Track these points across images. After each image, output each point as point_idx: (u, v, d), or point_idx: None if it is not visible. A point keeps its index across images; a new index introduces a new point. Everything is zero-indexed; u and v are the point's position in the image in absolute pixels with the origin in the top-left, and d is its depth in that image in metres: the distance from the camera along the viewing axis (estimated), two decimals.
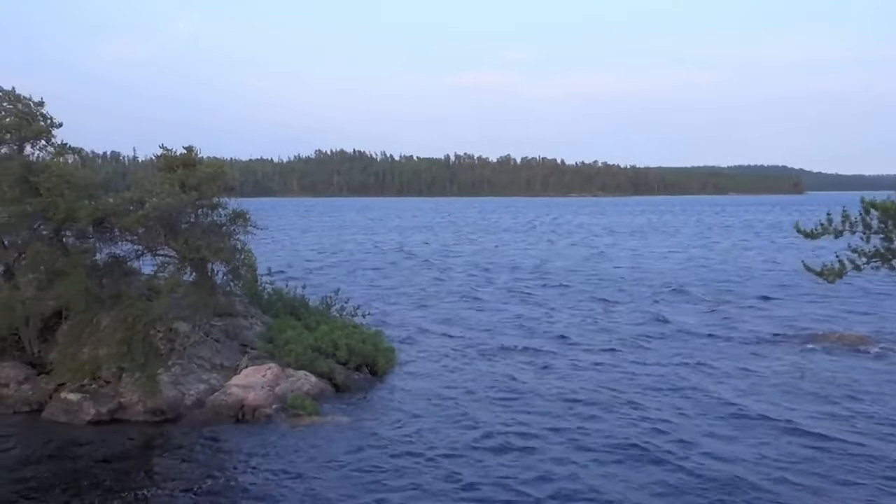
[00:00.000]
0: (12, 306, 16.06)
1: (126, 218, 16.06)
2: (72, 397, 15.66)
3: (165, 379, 15.95)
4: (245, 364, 17.41)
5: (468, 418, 15.42)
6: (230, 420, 15.43)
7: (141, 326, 15.38)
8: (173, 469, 13.19)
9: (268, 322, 20.02)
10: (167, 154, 17.74)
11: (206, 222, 17.06)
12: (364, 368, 18.63)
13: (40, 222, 16.67)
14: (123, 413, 15.57)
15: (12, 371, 16.65)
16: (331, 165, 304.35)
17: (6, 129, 17.07)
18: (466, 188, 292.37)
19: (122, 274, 16.79)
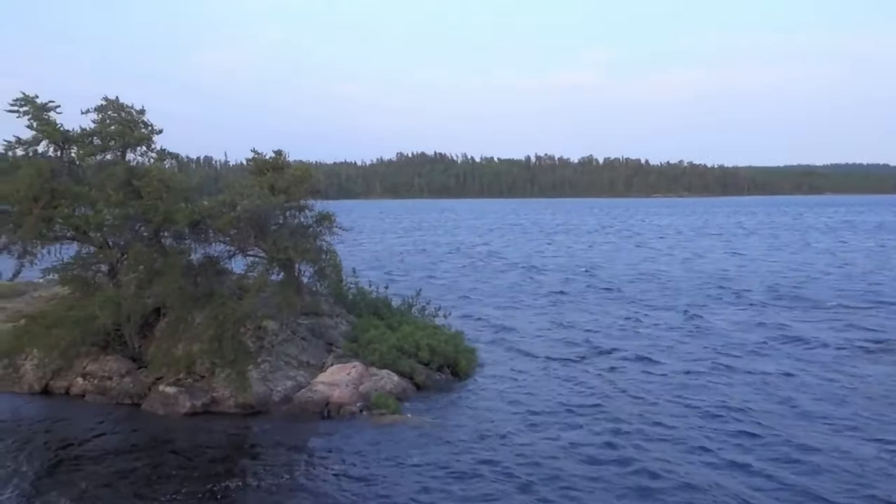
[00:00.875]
0: (116, 303, 16.97)
1: (219, 220, 16.75)
2: (169, 390, 16.43)
3: (255, 375, 16.52)
4: (330, 362, 17.86)
5: (550, 425, 15.16)
6: (316, 416, 15.83)
7: (231, 324, 16.01)
8: (261, 460, 13.64)
9: (352, 321, 20.47)
10: (258, 158, 18.41)
11: (294, 224, 17.60)
12: (446, 369, 18.78)
13: (141, 224, 17.58)
14: (216, 406, 16.22)
15: (115, 364, 17.62)
16: (412, 168, 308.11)
17: (111, 136, 18.13)
18: (547, 190, 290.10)
19: (215, 273, 17.50)
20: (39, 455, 13.89)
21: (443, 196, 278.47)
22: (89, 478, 12.73)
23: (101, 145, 18.37)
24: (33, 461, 13.52)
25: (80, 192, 17.69)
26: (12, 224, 17.50)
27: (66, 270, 17.96)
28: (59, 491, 12.14)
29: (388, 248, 61.94)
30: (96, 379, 17.41)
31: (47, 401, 17.24)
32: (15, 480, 12.58)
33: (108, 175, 17.77)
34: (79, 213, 17.67)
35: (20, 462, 13.44)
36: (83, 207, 17.78)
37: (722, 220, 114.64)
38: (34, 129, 17.86)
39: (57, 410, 16.59)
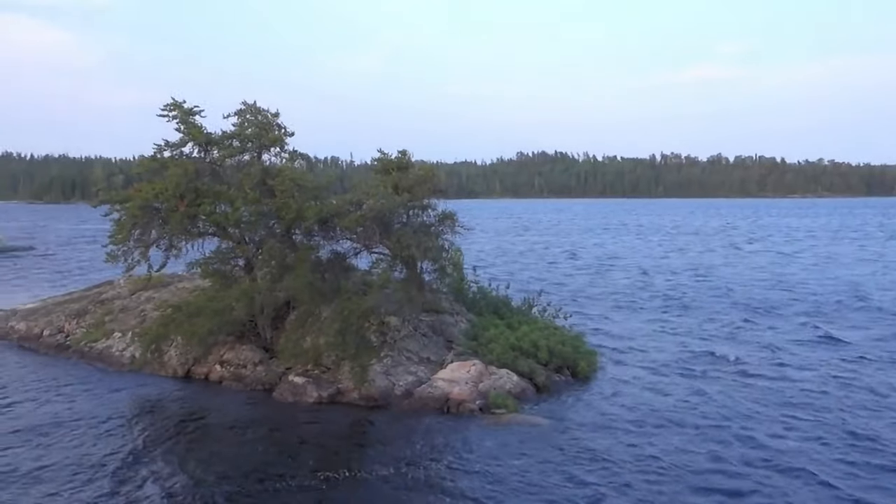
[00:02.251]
0: (251, 296, 17.96)
1: (346, 218, 17.36)
2: (297, 380, 17.20)
3: (378, 369, 16.99)
4: (450, 359, 18.08)
5: (672, 437, 14.51)
6: (435, 412, 16.05)
7: (355, 319, 16.54)
8: (381, 452, 13.99)
9: (472, 320, 20.61)
10: (383, 158, 18.91)
11: (417, 222, 17.94)
12: (565, 371, 18.54)
13: (274, 221, 18.52)
14: (341, 397, 16.80)
15: (250, 354, 18.64)
16: (532, 167, 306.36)
17: (249, 138, 19.21)
18: (673, 189, 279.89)
19: (341, 269, 18.15)
20: (180, 433, 14.96)
21: (563, 196, 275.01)
22: (222, 456, 13.56)
23: (239, 147, 19.51)
24: (174, 438, 14.59)
25: (221, 190, 18.88)
26: (161, 220, 18.88)
27: (206, 264, 19.21)
28: (195, 465, 13.03)
29: (499, 248, 61.85)
30: (232, 367, 18.48)
31: (188, 385, 18.47)
32: (157, 454, 13.62)
33: (245, 175, 18.86)
34: (219, 211, 18.83)
35: (163, 438, 14.54)
36: (223, 205, 18.93)
37: (861, 221, 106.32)
38: (181, 132, 19.20)
39: (197, 394, 17.75)
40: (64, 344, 21.65)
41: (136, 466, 12.97)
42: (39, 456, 13.30)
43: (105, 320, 22.09)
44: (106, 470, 12.71)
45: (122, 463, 13.08)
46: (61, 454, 13.42)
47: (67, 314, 23.08)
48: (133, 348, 19.80)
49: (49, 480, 12.20)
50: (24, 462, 13.00)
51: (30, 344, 22.19)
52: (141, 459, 13.33)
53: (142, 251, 18.84)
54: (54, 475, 12.41)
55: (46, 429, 14.78)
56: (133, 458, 13.34)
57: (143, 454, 13.60)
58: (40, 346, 21.90)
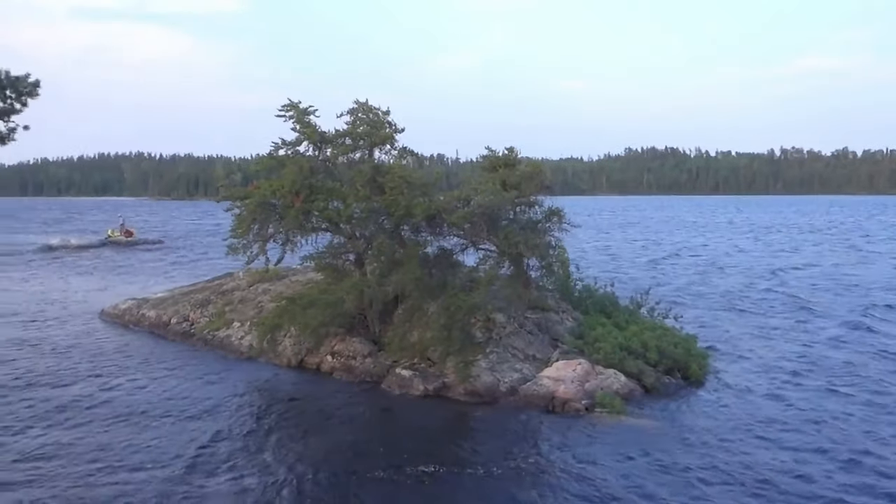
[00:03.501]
0: (361, 290, 18.47)
1: (454, 214, 17.53)
2: (404, 373, 17.55)
3: (483, 365, 17.08)
4: (556, 357, 17.93)
5: (785, 452, 13.67)
6: (540, 410, 15.96)
7: (461, 314, 16.69)
8: (485, 448, 14.04)
9: (578, 318, 20.35)
10: (490, 155, 18.97)
11: (524, 219, 17.91)
12: (676, 373, 17.98)
13: (384, 217, 18.96)
14: (446, 392, 17.00)
15: (359, 346, 19.18)
16: (641, 163, 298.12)
17: (360, 136, 19.76)
18: (793, 185, 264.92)
19: (448, 265, 18.36)
20: (291, 420, 15.63)
21: (674, 192, 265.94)
22: (329, 444, 14.05)
23: (351, 145, 20.09)
24: (286, 424, 15.26)
25: (334, 187, 19.53)
26: (277, 215, 19.74)
27: (319, 258, 19.92)
28: (303, 451, 13.60)
29: (601, 246, 60.54)
30: (342, 358, 19.08)
31: (301, 374, 19.22)
32: (267, 438, 14.30)
33: (357, 172, 19.42)
34: (332, 207, 19.47)
35: (274, 423, 15.25)
36: (336, 201, 19.56)
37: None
38: (297, 131, 19.98)
39: (308, 383, 18.46)
40: (189, 331, 23.03)
41: (246, 448, 13.67)
42: (160, 434, 14.25)
43: (225, 310, 23.32)
44: (217, 449, 13.47)
45: (233, 444, 13.83)
46: (180, 432, 14.33)
47: (192, 304, 24.53)
48: (250, 337, 20.80)
49: (164, 456, 13.03)
50: (145, 438, 13.96)
51: (159, 331, 23.74)
52: (251, 442, 14.04)
53: (260, 245, 19.77)
54: (170, 451, 13.24)
55: (169, 408, 15.81)
56: (244, 441, 14.07)
57: (254, 437, 14.32)
58: (168, 333, 23.40)
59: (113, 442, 13.77)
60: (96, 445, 13.56)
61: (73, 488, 11.67)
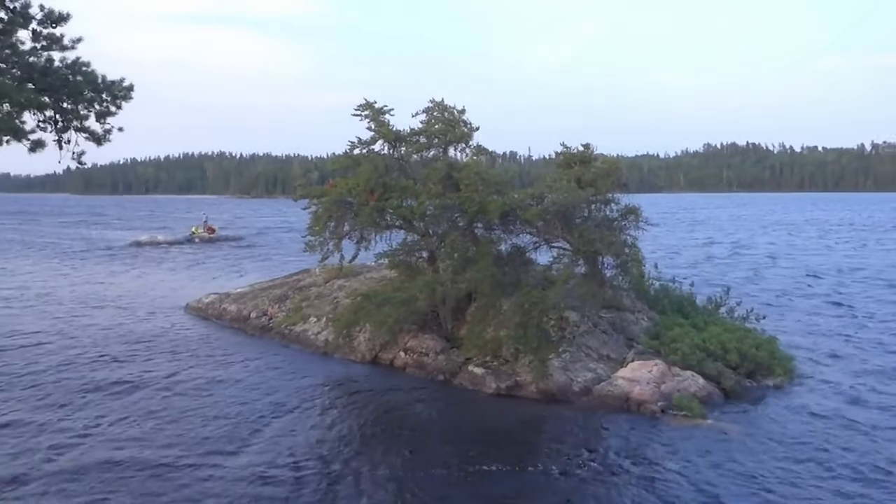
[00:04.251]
0: (434, 288, 18.60)
1: (528, 211, 17.43)
2: (477, 371, 17.57)
3: (556, 364, 16.93)
4: (631, 358, 17.60)
5: (880, 462, 13.00)
6: (614, 411, 15.71)
7: (536, 313, 16.59)
8: (557, 448, 13.93)
9: (654, 318, 19.93)
10: (566, 152, 18.76)
11: (599, 217, 17.63)
12: (757, 376, 17.38)
13: (457, 214, 19.02)
14: (519, 390, 16.93)
15: (432, 343, 19.32)
16: (720, 159, 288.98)
17: (435, 134, 19.89)
18: (885, 183, 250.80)
19: (521, 263, 18.27)
20: (365, 414, 15.86)
21: (755, 190, 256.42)
22: (400, 439, 14.21)
23: (426, 143, 20.26)
24: (358, 418, 15.50)
25: (408, 185, 19.74)
26: (353, 213, 20.09)
27: (393, 255, 20.16)
28: (373, 445, 13.79)
29: (676, 244, 58.87)
30: (415, 354, 19.25)
31: (375, 370, 19.50)
32: (343, 432, 14.55)
33: (431, 169, 19.56)
34: (406, 205, 19.67)
35: (350, 417, 15.52)
36: (409, 199, 19.76)
37: None
38: (372, 130, 20.29)
39: (382, 379, 18.70)
40: (267, 326, 23.70)
41: (318, 440, 13.96)
42: (234, 422, 14.73)
43: (302, 306, 23.89)
44: (289, 439, 13.83)
45: (305, 435, 14.16)
46: (255, 421, 14.78)
47: (271, 299, 25.24)
48: (326, 333, 21.24)
49: (236, 443, 13.47)
50: (219, 425, 14.45)
51: (239, 325, 24.53)
52: (323, 434, 14.34)
53: (336, 242, 20.18)
54: (242, 439, 13.68)
55: (245, 399, 16.31)
56: (316, 432, 14.39)
57: (326, 429, 14.62)
58: (247, 327, 24.14)
59: (187, 428, 14.34)
60: (173, 431, 14.15)
61: (152, 470, 12.18)
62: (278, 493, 11.55)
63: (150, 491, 11.49)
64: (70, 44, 5.82)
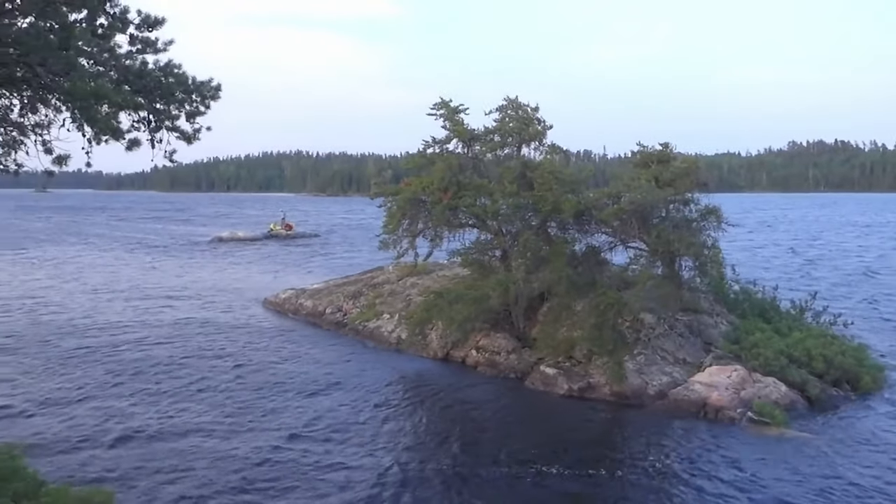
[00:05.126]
0: (506, 286, 18.56)
1: (603, 211, 17.18)
2: (549, 371, 17.44)
3: (630, 366, 16.63)
4: (709, 362, 17.12)
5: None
6: (691, 416, 15.33)
7: (611, 314, 16.34)
8: (630, 452, 13.70)
9: (733, 322, 19.33)
10: (643, 151, 18.40)
11: (678, 217, 17.22)
12: (844, 384, 16.62)
13: (531, 213, 18.92)
14: (591, 392, 16.71)
15: (504, 342, 19.28)
16: (806, 158, 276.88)
17: (509, 132, 19.84)
18: None
19: (596, 263, 18.04)
20: (437, 410, 16.02)
21: (844, 190, 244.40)
22: (470, 437, 14.28)
23: (500, 141, 20.24)
24: (431, 414, 15.67)
25: (481, 184, 19.77)
26: (426, 211, 20.26)
27: (466, 254, 20.24)
28: (447, 441, 13.91)
29: (747, 247, 56.55)
30: (487, 353, 19.26)
31: (447, 367, 19.61)
32: (415, 428, 14.77)
33: (504, 168, 19.53)
34: (479, 203, 19.71)
35: (421, 413, 15.71)
36: (483, 198, 19.79)
37: None
38: (447, 129, 20.40)
39: (454, 376, 18.79)
40: (342, 321, 24.16)
41: (390, 434, 14.17)
42: (314, 414, 15.10)
43: (376, 302, 24.23)
44: (361, 432, 14.10)
45: (377, 428, 14.40)
46: (326, 412, 15.16)
47: (345, 295, 25.71)
48: (399, 329, 21.49)
49: (314, 434, 13.86)
50: (291, 416, 14.85)
51: (314, 320, 25.09)
52: (395, 428, 14.56)
53: (409, 240, 20.39)
54: (319, 431, 14.03)
55: (317, 391, 16.72)
56: (388, 426, 14.61)
57: (398, 424, 14.84)
58: (323, 322, 24.67)
59: (260, 416, 14.84)
60: (245, 419, 14.66)
61: (236, 456, 12.61)
62: (346, 482, 11.77)
63: (221, 474, 11.89)
64: (163, 46, 6.06)
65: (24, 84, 5.59)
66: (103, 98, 5.32)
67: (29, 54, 5.29)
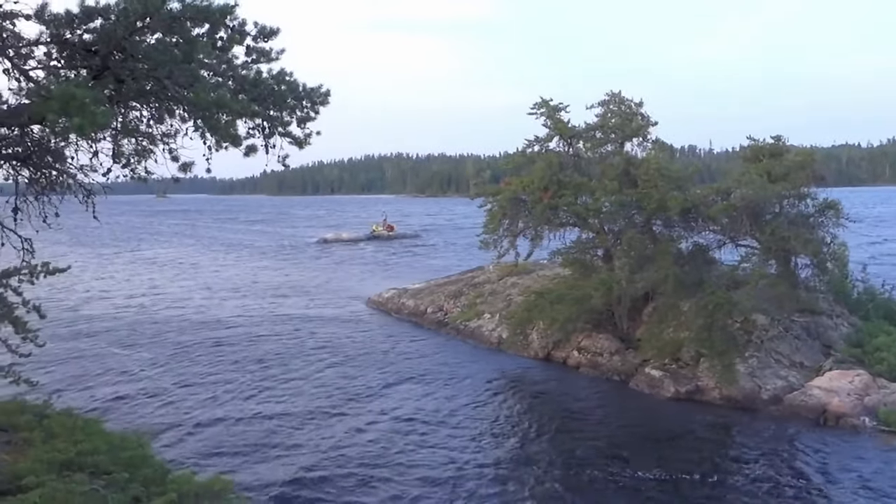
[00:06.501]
0: (609, 286, 18.23)
1: (712, 208, 16.58)
2: (654, 373, 16.99)
3: (741, 369, 15.97)
4: (828, 367, 16.21)
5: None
6: (808, 423, 14.59)
7: (721, 315, 15.74)
8: (742, 458, 13.14)
9: (855, 324, 18.22)
10: (754, 144, 17.63)
11: (793, 213, 16.39)
12: None
13: (634, 211, 18.50)
14: (700, 395, 16.17)
15: (606, 343, 18.95)
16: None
17: (612, 129, 19.48)
18: None
19: (704, 262, 17.42)
20: (538, 411, 15.93)
21: None
22: (575, 438, 14.06)
23: (602, 138, 19.91)
24: (533, 415, 15.58)
25: (582, 182, 19.51)
26: (527, 211, 20.19)
27: (567, 253, 20.02)
28: (550, 443, 13.81)
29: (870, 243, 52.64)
30: (589, 354, 18.98)
31: (548, 367, 19.46)
32: (516, 427, 14.73)
33: (607, 165, 19.19)
34: (580, 202, 19.45)
35: (523, 413, 15.67)
36: (584, 196, 19.51)
37: None
38: (548, 127, 20.26)
39: (555, 377, 18.63)
40: (443, 321, 24.43)
41: (491, 433, 14.21)
42: (418, 407, 15.46)
43: (476, 302, 24.36)
44: (464, 426, 14.30)
45: (479, 427, 14.48)
46: (433, 408, 15.45)
47: (446, 295, 25.98)
48: (500, 329, 21.51)
49: (417, 426, 14.22)
50: (404, 410, 15.19)
51: (416, 319, 25.49)
52: (497, 428, 14.58)
53: (510, 240, 20.38)
54: (421, 424, 14.33)
55: (417, 389, 16.98)
56: (489, 426, 14.65)
57: (500, 424, 14.87)
58: (424, 321, 25.03)
59: (365, 408, 15.31)
60: (351, 410, 15.16)
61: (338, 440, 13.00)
62: (447, 474, 11.93)
63: (328, 459, 12.29)
64: (276, 55, 6.36)
65: (152, 96, 6.01)
66: (224, 107, 5.64)
67: (157, 68, 5.68)
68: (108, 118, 5.44)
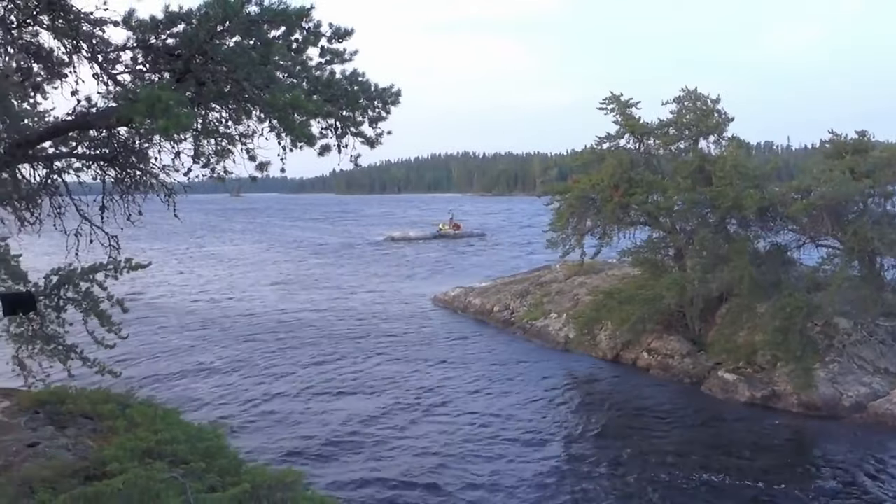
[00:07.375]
0: (681, 287, 17.79)
1: (791, 206, 15.97)
2: (728, 377, 16.51)
3: (821, 375, 15.37)
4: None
5: None
6: (894, 432, 13.91)
7: (799, 318, 15.15)
8: (822, 468, 12.69)
9: None
10: (836, 139, 16.88)
11: (878, 212, 15.63)
12: None
13: (708, 210, 17.99)
14: (776, 401, 15.64)
15: (677, 345, 18.51)
16: None
17: (686, 125, 18.99)
18: None
19: (782, 263, 16.81)
20: (607, 412, 15.72)
21: None
22: (646, 441, 13.84)
23: (675, 135, 19.45)
24: (602, 416, 15.37)
25: (654, 180, 19.10)
26: (595, 209, 19.90)
27: (637, 253, 19.65)
28: (620, 445, 13.61)
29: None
30: (659, 356, 18.59)
31: (616, 368, 19.16)
32: (585, 428, 14.56)
33: (680, 163, 18.72)
34: (651, 200, 19.05)
35: (592, 415, 15.48)
36: (655, 194, 19.09)
37: None
38: (619, 123, 19.91)
39: (624, 378, 18.33)
40: (509, 320, 24.33)
41: (560, 433, 14.17)
42: (486, 404, 15.57)
43: (543, 301, 24.17)
44: (532, 425, 14.31)
45: (547, 424, 14.52)
46: (500, 406, 15.49)
47: (512, 294, 25.87)
48: (567, 329, 21.28)
49: (485, 423, 14.27)
50: (472, 407, 15.31)
51: (482, 317, 25.49)
52: (565, 428, 14.55)
53: (577, 238, 20.13)
54: (490, 421, 14.45)
55: (483, 387, 17.03)
56: (557, 426, 14.61)
57: (568, 424, 14.80)
58: (490, 320, 24.99)
59: (436, 403, 15.44)
60: (422, 405, 15.46)
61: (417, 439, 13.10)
62: (515, 473, 11.88)
63: (398, 456, 12.41)
64: (349, 56, 6.43)
65: (231, 98, 6.17)
66: (299, 108, 5.74)
67: (236, 70, 5.83)
68: (191, 120, 5.61)
